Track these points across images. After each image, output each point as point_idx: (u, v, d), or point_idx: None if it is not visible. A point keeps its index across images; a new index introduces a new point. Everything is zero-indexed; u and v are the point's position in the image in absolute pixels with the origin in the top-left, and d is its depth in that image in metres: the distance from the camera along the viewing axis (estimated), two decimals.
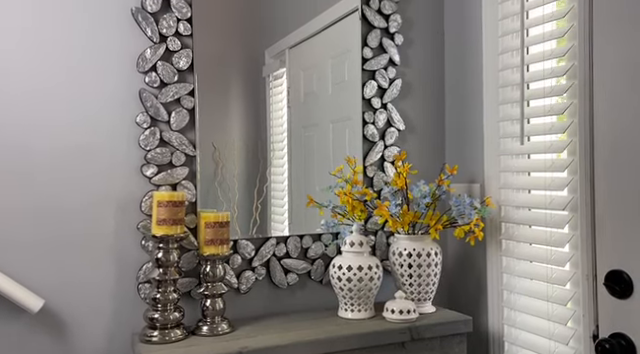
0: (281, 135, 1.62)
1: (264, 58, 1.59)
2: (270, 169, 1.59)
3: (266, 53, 1.60)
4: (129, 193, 1.42)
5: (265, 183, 1.58)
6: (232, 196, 1.54)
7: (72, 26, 1.38)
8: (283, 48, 1.61)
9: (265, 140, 1.59)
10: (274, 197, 1.60)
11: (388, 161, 1.73)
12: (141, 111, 1.42)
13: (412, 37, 1.77)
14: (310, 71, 1.66)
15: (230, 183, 1.53)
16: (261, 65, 1.59)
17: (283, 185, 1.62)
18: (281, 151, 1.62)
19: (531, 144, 1.48)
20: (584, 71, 1.29)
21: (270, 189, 1.59)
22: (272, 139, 1.60)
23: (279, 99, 1.62)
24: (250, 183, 1.56)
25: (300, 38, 1.64)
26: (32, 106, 1.35)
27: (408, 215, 1.53)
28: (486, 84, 1.61)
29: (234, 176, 1.54)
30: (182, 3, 1.45)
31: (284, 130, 1.62)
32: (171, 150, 1.45)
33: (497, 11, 1.56)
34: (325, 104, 1.68)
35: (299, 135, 1.64)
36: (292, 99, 1.63)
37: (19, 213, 1.33)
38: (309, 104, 1.66)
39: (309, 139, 1.66)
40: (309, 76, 1.66)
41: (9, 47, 1.32)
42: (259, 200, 1.57)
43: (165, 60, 1.44)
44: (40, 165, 1.35)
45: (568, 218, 1.35)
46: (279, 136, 1.62)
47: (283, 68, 1.62)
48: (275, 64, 1.61)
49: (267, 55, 1.60)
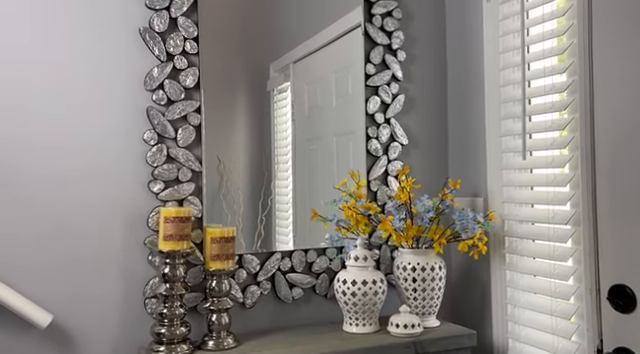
0: (285, 148, 1.64)
1: (269, 72, 1.62)
2: (275, 182, 1.61)
3: (271, 67, 1.62)
4: (136, 209, 1.45)
5: (270, 196, 1.60)
6: (237, 209, 1.55)
7: (81, 45, 1.41)
8: (287, 62, 1.64)
9: (270, 153, 1.61)
10: (279, 210, 1.62)
11: (392, 175, 1.74)
12: (148, 128, 1.45)
13: (415, 53, 1.80)
14: (314, 85, 1.69)
15: (235, 196, 1.55)
16: (266, 79, 1.62)
17: (287, 198, 1.64)
18: (285, 164, 1.64)
19: (533, 159, 1.50)
20: (584, 87, 1.31)
21: (275, 202, 1.61)
22: (276, 152, 1.62)
23: (283, 112, 1.64)
24: (255, 196, 1.58)
25: (304, 53, 1.66)
26: (42, 126, 1.37)
27: (412, 229, 1.54)
28: (488, 99, 1.63)
29: (239, 189, 1.56)
30: (189, 22, 1.48)
31: (288, 143, 1.64)
32: (178, 166, 1.47)
33: (498, 28, 1.59)
34: (329, 118, 1.70)
35: (303, 148, 1.66)
36: (296, 112, 1.65)
37: (29, 229, 1.35)
38: (313, 118, 1.68)
39: (313, 152, 1.68)
40: (313, 90, 1.69)
41: (19, 65, 1.36)
42: (264, 213, 1.59)
43: (172, 78, 1.47)
44: (49, 181, 1.37)
45: (571, 232, 1.36)
46: (283, 149, 1.64)
47: (287, 82, 1.64)
48: (279, 78, 1.63)
49: (272, 69, 1.62)
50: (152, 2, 1.45)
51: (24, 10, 1.36)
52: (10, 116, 1.35)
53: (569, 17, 1.36)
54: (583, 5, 1.30)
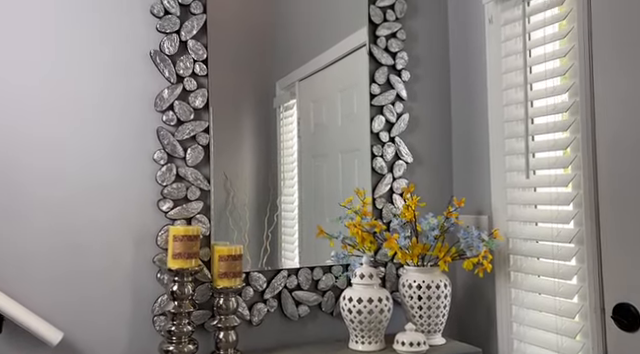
0: (291, 164, 1.66)
1: (275, 90, 1.65)
2: (280, 198, 1.63)
3: (277, 85, 1.65)
4: (146, 227, 1.47)
5: (275, 212, 1.62)
6: (243, 225, 1.57)
7: (94, 67, 1.45)
8: (293, 80, 1.68)
9: (275, 169, 1.64)
10: (284, 226, 1.64)
11: (397, 193, 1.76)
12: (158, 148, 1.48)
13: (419, 73, 1.83)
14: (320, 103, 1.72)
15: (241, 212, 1.57)
16: (272, 96, 1.65)
17: (293, 214, 1.66)
18: (291, 180, 1.66)
19: (536, 177, 1.52)
20: (586, 107, 1.33)
21: (280, 218, 1.63)
22: (282, 168, 1.65)
23: (289, 129, 1.67)
24: (261, 212, 1.60)
25: (310, 71, 1.70)
26: (54, 144, 1.41)
27: (417, 247, 1.55)
28: (491, 119, 1.65)
29: (245, 205, 1.58)
30: (198, 45, 1.52)
31: (294, 160, 1.67)
32: (186, 185, 1.50)
33: (500, 49, 1.62)
34: (334, 135, 1.73)
35: (309, 165, 1.68)
36: (302, 129, 1.68)
37: (40, 246, 1.38)
38: (319, 135, 1.71)
39: (319, 169, 1.70)
40: (318, 108, 1.71)
41: (33, 84, 1.40)
42: (269, 229, 1.61)
43: (182, 99, 1.51)
44: (61, 198, 1.41)
45: (575, 251, 1.37)
46: (289, 165, 1.66)
47: (293, 99, 1.67)
48: (286, 96, 1.66)
49: (278, 87, 1.65)
50: (163, 26, 1.49)
51: (37, 31, 1.41)
52: (23, 133, 1.38)
53: (570, 39, 1.39)
54: (583, 28, 1.33)
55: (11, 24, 1.38)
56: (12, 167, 1.37)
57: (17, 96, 1.38)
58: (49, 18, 1.41)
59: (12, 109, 1.38)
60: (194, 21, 1.52)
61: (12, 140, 1.37)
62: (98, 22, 1.45)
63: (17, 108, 1.38)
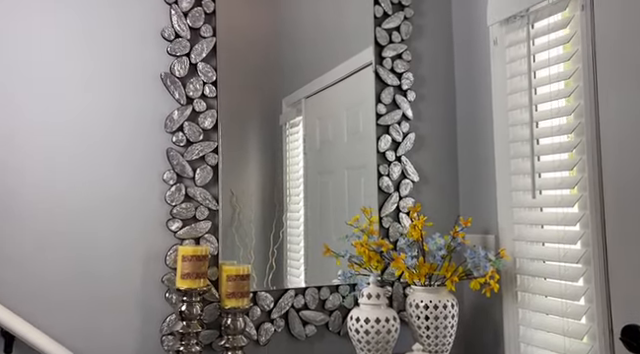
0: (297, 181, 1.68)
1: (281, 107, 1.67)
2: (286, 214, 1.64)
3: (283, 102, 1.68)
4: (155, 246, 1.49)
5: (281, 228, 1.63)
6: (249, 241, 1.58)
7: (105, 89, 1.48)
8: (300, 97, 1.70)
9: (281, 186, 1.65)
10: (290, 242, 1.64)
11: (403, 212, 1.77)
12: (168, 169, 1.50)
13: (424, 93, 1.85)
14: (325, 120, 1.73)
15: (247, 228, 1.58)
16: (278, 113, 1.67)
17: (299, 230, 1.67)
18: (297, 196, 1.67)
19: (543, 198, 1.52)
20: (591, 128, 1.34)
21: (286, 234, 1.64)
22: (288, 185, 1.66)
23: (295, 146, 1.69)
24: (266, 228, 1.61)
25: (316, 89, 1.72)
26: (64, 165, 1.43)
27: (424, 267, 1.56)
28: (497, 139, 1.66)
29: (251, 221, 1.59)
30: (208, 68, 1.55)
31: (300, 176, 1.68)
32: (195, 205, 1.52)
33: (505, 70, 1.64)
34: (340, 152, 1.74)
35: (315, 181, 1.69)
36: (308, 146, 1.69)
37: (49, 267, 1.40)
38: (325, 151, 1.72)
39: (325, 185, 1.71)
40: (325, 125, 1.73)
41: (44, 106, 1.42)
42: (275, 245, 1.62)
43: (191, 120, 1.53)
44: (71, 220, 1.42)
45: (582, 271, 1.37)
46: (295, 182, 1.67)
47: (299, 116, 1.69)
48: (292, 113, 1.68)
49: (284, 104, 1.68)
50: (173, 49, 1.52)
51: (49, 51, 1.44)
52: (32, 153, 1.41)
53: (574, 61, 1.41)
54: (587, 50, 1.35)
55: (25, 42, 1.41)
56: (20, 187, 1.39)
57: (26, 116, 1.41)
58: (62, 38, 1.45)
59: (21, 130, 1.40)
60: (204, 44, 1.55)
61: (21, 161, 1.40)
62: (109, 44, 1.49)
63: (26, 129, 1.41)
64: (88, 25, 1.47)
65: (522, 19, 1.57)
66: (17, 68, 1.41)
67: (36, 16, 1.43)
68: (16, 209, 1.38)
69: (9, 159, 1.39)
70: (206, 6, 1.55)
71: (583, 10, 1.37)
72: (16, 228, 1.38)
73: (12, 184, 1.38)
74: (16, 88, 1.40)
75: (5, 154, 1.38)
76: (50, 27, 1.44)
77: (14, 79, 1.40)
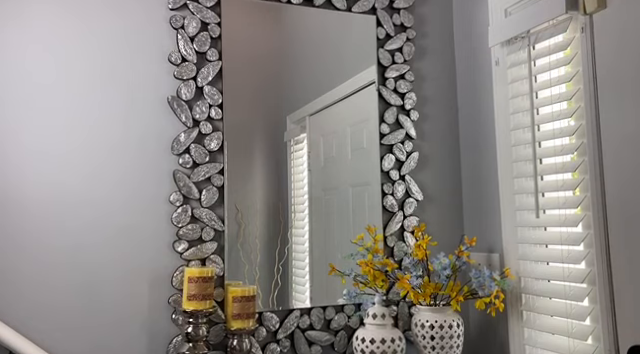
0: (302, 197, 1.69)
1: (286, 124, 1.69)
2: (291, 231, 1.65)
3: (287, 119, 1.69)
4: (161, 268, 1.50)
5: (286, 245, 1.64)
6: (254, 258, 1.59)
7: (113, 112, 1.50)
8: (303, 115, 1.72)
9: (286, 202, 1.66)
10: (295, 259, 1.65)
11: (408, 231, 1.78)
12: (174, 190, 1.52)
13: (427, 113, 1.87)
14: (329, 137, 1.75)
15: (252, 245, 1.59)
16: (283, 130, 1.69)
17: (304, 247, 1.67)
18: (302, 213, 1.68)
19: (546, 217, 1.53)
20: (593, 148, 1.35)
21: (291, 250, 1.64)
22: (293, 201, 1.67)
23: (300, 163, 1.70)
24: (271, 245, 1.62)
25: (319, 106, 1.74)
26: (71, 185, 1.45)
27: (429, 287, 1.56)
28: (500, 158, 1.68)
29: (256, 238, 1.60)
30: (214, 91, 1.58)
31: (305, 193, 1.69)
32: (201, 226, 1.53)
33: (507, 90, 1.65)
34: (344, 169, 1.76)
35: (319, 198, 1.70)
36: (312, 163, 1.71)
37: (56, 283, 1.41)
38: (329, 168, 1.74)
39: (329, 202, 1.72)
40: (329, 142, 1.75)
41: (54, 128, 1.45)
42: (280, 262, 1.62)
43: (198, 142, 1.55)
44: (77, 241, 1.44)
45: (587, 291, 1.37)
46: (300, 198, 1.69)
47: (304, 133, 1.71)
48: (296, 129, 1.70)
49: (289, 121, 1.69)
50: (180, 73, 1.55)
51: (58, 76, 1.46)
52: (40, 174, 1.43)
53: (576, 82, 1.43)
54: (588, 71, 1.37)
55: (32, 68, 1.44)
56: (27, 207, 1.41)
57: (38, 138, 1.43)
58: (70, 63, 1.48)
59: (33, 152, 1.43)
60: (210, 68, 1.57)
61: (30, 181, 1.42)
62: (118, 69, 1.51)
63: (38, 150, 1.43)
64: (95, 50, 1.50)
65: (523, 40, 1.59)
66: (19, 93, 1.43)
67: (42, 40, 1.46)
68: (20, 227, 1.40)
69: (11, 182, 1.41)
70: (212, 31, 1.59)
71: (583, 32, 1.40)
72: (21, 249, 1.39)
73: (15, 195, 1.40)
74: (19, 113, 1.43)
75: (7, 179, 1.40)
76: (58, 51, 1.47)
77: (16, 104, 1.43)
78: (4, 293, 1.36)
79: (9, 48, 1.43)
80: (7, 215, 1.39)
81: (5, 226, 1.38)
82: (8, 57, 1.42)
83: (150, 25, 1.55)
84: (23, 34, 1.44)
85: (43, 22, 1.46)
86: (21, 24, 1.44)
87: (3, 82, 1.41)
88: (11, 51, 1.43)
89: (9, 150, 1.40)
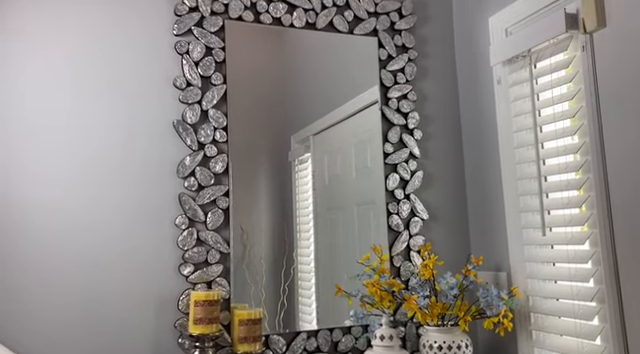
0: (307, 217, 1.69)
1: (290, 144, 1.70)
2: (297, 251, 1.65)
3: (292, 139, 1.70)
4: (167, 291, 1.50)
5: (292, 265, 1.63)
6: (259, 278, 1.58)
7: (120, 139, 1.52)
8: (307, 135, 1.73)
9: (291, 222, 1.66)
10: (301, 279, 1.64)
11: (414, 250, 1.77)
12: (180, 213, 1.53)
13: (430, 131, 1.88)
14: (333, 157, 1.75)
15: (258, 265, 1.59)
16: (287, 150, 1.69)
17: (310, 267, 1.66)
18: (307, 233, 1.68)
19: (553, 235, 1.52)
20: (597, 165, 1.35)
21: (297, 270, 1.64)
22: (298, 221, 1.67)
23: (305, 182, 1.71)
24: (277, 265, 1.62)
25: (323, 126, 1.75)
26: (77, 211, 1.46)
27: (437, 307, 1.55)
28: (505, 176, 1.68)
29: (261, 258, 1.60)
30: (219, 114, 1.59)
31: (310, 212, 1.69)
32: (207, 248, 1.53)
33: (510, 109, 1.66)
34: (349, 188, 1.75)
35: (324, 217, 1.70)
36: (317, 182, 1.71)
37: (61, 312, 1.41)
38: (333, 187, 1.74)
39: (334, 221, 1.72)
40: (333, 161, 1.75)
41: (59, 152, 1.46)
42: (286, 282, 1.62)
43: (203, 165, 1.56)
44: (83, 265, 1.44)
45: (597, 310, 1.36)
46: (305, 218, 1.68)
47: (308, 153, 1.72)
48: (300, 149, 1.71)
49: (293, 140, 1.70)
50: (185, 97, 1.57)
51: (64, 98, 1.48)
52: (48, 198, 1.44)
53: (578, 100, 1.43)
54: (590, 89, 1.38)
55: (35, 91, 1.46)
56: (33, 232, 1.42)
57: (42, 161, 1.44)
58: (75, 88, 1.49)
59: (36, 175, 1.44)
60: (214, 91, 1.59)
61: (36, 204, 1.43)
62: (123, 94, 1.53)
63: (42, 174, 1.44)
64: (101, 74, 1.52)
65: (524, 59, 1.61)
66: (23, 117, 1.45)
67: (47, 63, 1.48)
68: (24, 254, 1.40)
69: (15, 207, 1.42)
70: (216, 55, 1.61)
71: (584, 51, 1.41)
72: (24, 275, 1.39)
73: (18, 218, 1.41)
74: (22, 135, 1.44)
75: (12, 204, 1.42)
76: (65, 73, 1.49)
77: (20, 127, 1.44)
78: (9, 311, 1.36)
79: (12, 69, 1.45)
80: (11, 237, 1.39)
81: (10, 250, 1.39)
82: (11, 78, 1.44)
83: (155, 51, 1.57)
84: (26, 56, 1.46)
85: (49, 44, 1.48)
86: (23, 45, 1.46)
87: (6, 106, 1.43)
88: (14, 72, 1.45)
89: (12, 172, 1.41)
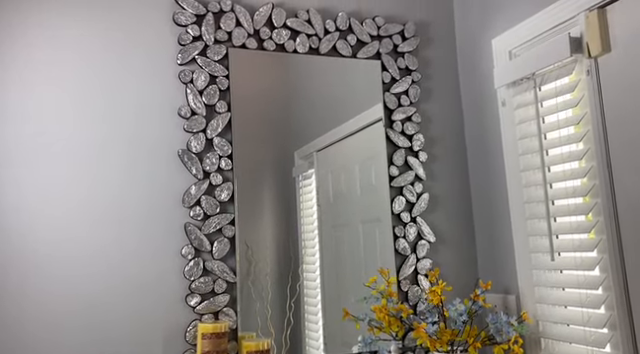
0: (312, 233, 1.68)
1: (294, 160, 1.69)
2: (302, 267, 1.63)
3: (295, 155, 1.70)
4: (174, 323, 1.48)
5: (298, 281, 1.62)
6: (265, 295, 1.57)
7: (125, 168, 1.51)
8: (311, 151, 1.72)
9: (296, 238, 1.65)
10: (307, 295, 1.63)
11: (421, 274, 1.76)
12: (186, 244, 1.52)
13: (436, 153, 1.87)
14: (338, 173, 1.75)
15: (263, 282, 1.58)
16: (291, 166, 1.69)
17: (316, 283, 1.65)
18: (312, 248, 1.67)
19: (561, 259, 1.51)
20: (606, 190, 1.34)
21: (303, 287, 1.62)
22: (303, 237, 1.66)
23: (309, 198, 1.70)
24: (283, 281, 1.61)
25: (327, 142, 1.74)
26: (84, 240, 1.45)
27: (446, 334, 1.53)
28: (511, 200, 1.66)
29: (267, 275, 1.59)
30: (224, 142, 1.59)
31: (314, 228, 1.68)
32: (213, 278, 1.52)
33: (515, 131, 1.65)
34: (354, 205, 1.74)
35: (329, 234, 1.69)
36: (321, 198, 1.70)
37: (69, 343, 1.40)
38: (338, 204, 1.73)
39: (339, 238, 1.71)
40: (337, 177, 1.74)
41: (66, 183, 1.46)
42: (292, 299, 1.60)
43: (208, 194, 1.56)
44: (90, 297, 1.43)
45: (609, 337, 1.34)
46: (310, 234, 1.67)
47: (312, 169, 1.71)
48: (304, 165, 1.70)
49: (297, 156, 1.70)
50: (190, 126, 1.56)
51: (66, 131, 1.48)
52: (52, 229, 1.43)
53: (584, 124, 1.43)
54: (596, 113, 1.37)
55: (40, 120, 1.46)
56: (40, 263, 1.41)
57: (44, 193, 1.44)
58: (79, 119, 1.49)
59: (42, 212, 1.43)
60: (219, 120, 1.59)
61: (43, 236, 1.42)
62: (128, 124, 1.53)
63: (48, 204, 1.44)
64: (105, 105, 1.52)
65: (529, 82, 1.60)
66: (27, 149, 1.45)
67: (51, 93, 1.48)
68: (31, 290, 1.40)
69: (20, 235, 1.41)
70: (220, 83, 1.61)
71: (589, 75, 1.40)
72: (31, 309, 1.39)
73: (21, 247, 1.40)
74: (25, 166, 1.44)
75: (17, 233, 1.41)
76: (67, 104, 1.49)
77: (22, 159, 1.44)
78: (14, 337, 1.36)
79: (14, 96, 1.45)
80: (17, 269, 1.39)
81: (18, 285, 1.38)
82: (12, 108, 1.45)
83: (159, 81, 1.57)
84: (26, 89, 1.47)
85: (51, 74, 1.48)
86: (25, 79, 1.47)
87: (7, 138, 1.43)
88: (16, 100, 1.45)
89: (20, 209, 1.41)
